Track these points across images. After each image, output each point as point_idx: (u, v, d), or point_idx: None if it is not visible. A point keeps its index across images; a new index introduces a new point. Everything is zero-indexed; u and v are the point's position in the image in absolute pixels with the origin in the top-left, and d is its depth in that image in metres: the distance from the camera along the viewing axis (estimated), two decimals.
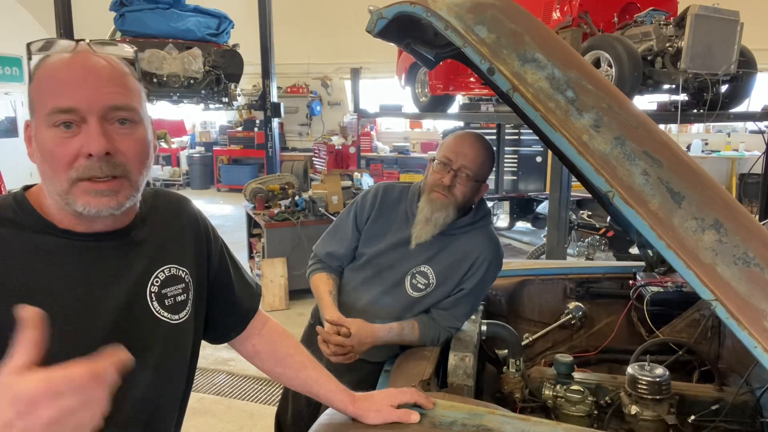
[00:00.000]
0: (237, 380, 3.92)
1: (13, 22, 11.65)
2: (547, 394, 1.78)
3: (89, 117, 0.88)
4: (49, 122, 0.88)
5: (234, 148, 13.09)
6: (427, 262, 1.83)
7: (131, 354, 0.92)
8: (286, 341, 1.32)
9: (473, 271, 1.81)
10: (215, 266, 1.19)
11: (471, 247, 1.82)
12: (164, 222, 1.09)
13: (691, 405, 1.67)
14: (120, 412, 0.95)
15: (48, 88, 0.89)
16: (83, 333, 0.91)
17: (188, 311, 1.08)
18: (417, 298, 1.84)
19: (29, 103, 0.92)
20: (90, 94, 0.88)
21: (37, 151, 0.91)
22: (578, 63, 1.27)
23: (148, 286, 1.02)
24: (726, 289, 1.06)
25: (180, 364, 1.09)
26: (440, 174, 1.75)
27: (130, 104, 0.93)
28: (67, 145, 0.88)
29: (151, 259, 1.03)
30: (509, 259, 2.28)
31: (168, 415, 1.09)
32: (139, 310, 1.00)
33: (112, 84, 0.91)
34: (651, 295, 2.05)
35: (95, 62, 0.91)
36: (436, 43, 1.71)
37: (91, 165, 0.88)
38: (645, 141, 1.17)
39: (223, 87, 7.30)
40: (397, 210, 1.89)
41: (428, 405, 1.28)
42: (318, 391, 1.28)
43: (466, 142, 1.77)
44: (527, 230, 7.67)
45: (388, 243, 1.87)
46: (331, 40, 11.75)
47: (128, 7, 6.80)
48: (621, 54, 3.56)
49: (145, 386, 1.00)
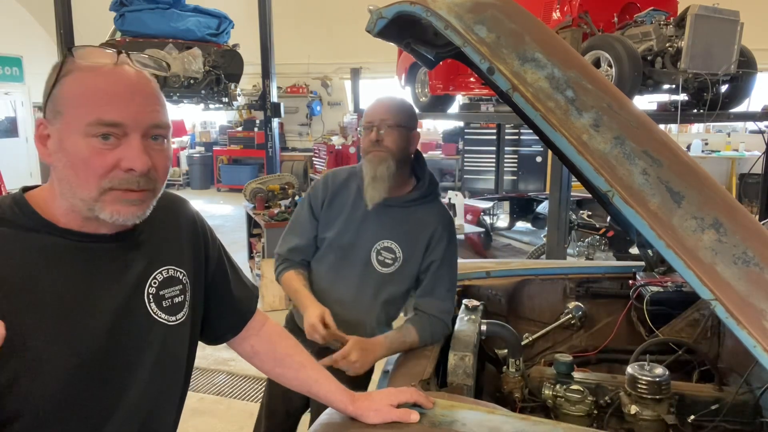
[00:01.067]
0: (237, 380, 3.92)
1: (13, 22, 11.65)
2: (546, 393, 1.78)
3: (132, 133, 0.90)
4: (87, 132, 0.88)
5: (234, 148, 13.09)
6: (390, 237, 1.87)
7: (128, 354, 0.96)
8: (285, 341, 1.32)
9: (435, 241, 1.88)
10: (213, 267, 1.20)
11: (428, 219, 1.90)
12: (162, 223, 1.09)
13: (690, 405, 1.67)
14: (116, 412, 0.97)
15: (89, 98, 0.89)
16: (80, 332, 0.92)
17: (185, 312, 1.09)
18: (387, 274, 1.88)
19: (53, 104, 0.91)
20: (137, 111, 0.90)
21: (61, 156, 0.91)
22: (578, 63, 1.28)
23: (146, 287, 1.02)
24: (725, 289, 1.06)
25: (177, 365, 1.10)
26: (368, 136, 1.85)
27: (167, 123, 0.96)
28: (105, 156, 0.89)
29: (149, 261, 1.03)
30: (509, 258, 2.28)
31: (165, 415, 1.09)
32: (136, 312, 1.00)
33: (154, 102, 0.94)
34: (651, 294, 2.05)
35: (138, 78, 0.93)
36: (436, 43, 1.71)
37: (130, 179, 0.91)
38: (645, 141, 1.17)
39: (223, 87, 7.30)
40: (348, 189, 1.94)
41: (428, 404, 1.28)
42: (317, 391, 1.28)
43: (379, 102, 1.90)
44: (527, 230, 7.66)
45: (346, 221, 1.90)
46: (331, 40, 11.75)
47: (128, 7, 6.80)
48: (621, 54, 3.56)
49: (142, 386, 1.00)
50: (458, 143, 11.17)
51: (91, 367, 0.93)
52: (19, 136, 11.83)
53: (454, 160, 11.31)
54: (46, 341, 0.88)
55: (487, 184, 10.20)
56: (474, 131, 10.59)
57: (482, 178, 10.49)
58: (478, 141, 10.45)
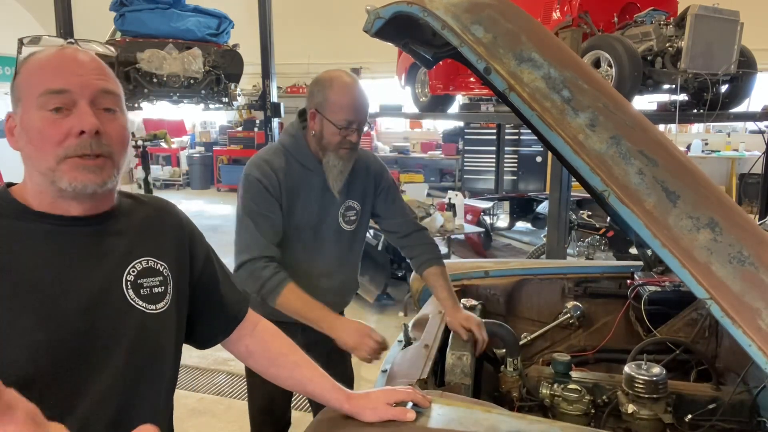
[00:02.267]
0: (237, 380, 3.92)
1: (13, 23, 11.64)
2: (544, 393, 1.78)
3: (80, 100, 0.95)
4: (39, 104, 0.94)
5: (234, 148, 13.09)
6: (348, 197, 1.97)
7: (102, 337, 0.98)
8: (279, 341, 1.32)
9: (378, 174, 2.04)
10: (199, 268, 1.20)
11: (363, 161, 2.00)
12: (145, 219, 1.12)
13: (688, 404, 1.68)
14: (89, 393, 0.97)
15: (39, 75, 0.96)
16: (55, 312, 0.94)
17: (167, 303, 1.10)
18: (353, 230, 2.01)
19: (14, 94, 0.98)
20: (81, 79, 0.96)
21: (22, 135, 0.97)
22: (574, 63, 1.28)
23: (123, 274, 1.04)
24: (721, 288, 1.07)
25: (157, 355, 1.09)
26: (344, 135, 1.80)
27: (116, 91, 1.01)
28: (58, 125, 0.94)
29: (128, 250, 1.06)
30: (509, 258, 2.29)
31: (145, 404, 1.07)
32: (113, 296, 1.02)
33: (100, 73, 0.99)
34: (649, 294, 2.06)
35: (84, 55, 0.99)
36: (434, 43, 1.71)
37: (82, 143, 0.95)
38: (641, 140, 1.18)
39: (223, 87, 7.30)
40: (295, 172, 1.88)
41: (425, 404, 1.28)
42: (313, 390, 1.28)
43: (358, 97, 1.81)
44: (527, 230, 7.67)
45: (306, 201, 1.89)
46: (331, 40, 11.75)
47: (128, 7, 6.81)
48: (621, 54, 3.57)
49: (117, 371, 1.00)
50: (458, 143, 11.18)
51: (63, 345, 0.94)
52: None
53: (454, 160, 11.32)
54: (15, 314, 0.91)
55: (487, 184, 10.21)
56: (474, 131, 10.61)
57: (482, 178, 10.50)
58: (478, 141, 10.46)
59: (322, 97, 1.80)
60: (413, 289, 2.53)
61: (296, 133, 1.92)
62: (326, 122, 1.80)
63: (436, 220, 5.06)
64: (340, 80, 1.80)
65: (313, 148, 1.89)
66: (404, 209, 2.13)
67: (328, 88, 1.79)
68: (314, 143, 1.87)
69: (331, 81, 1.80)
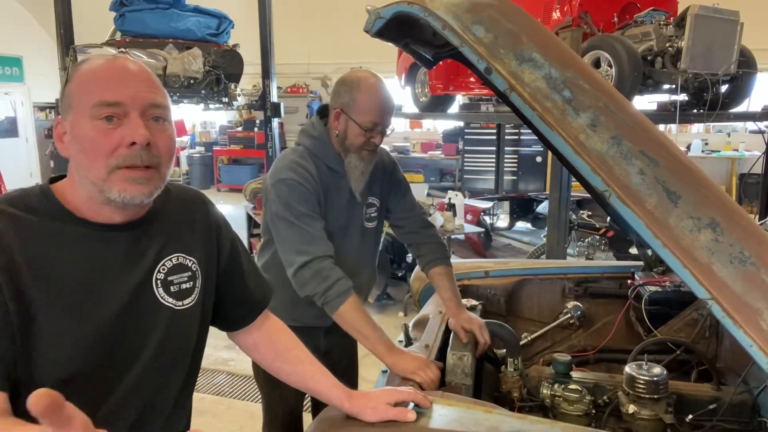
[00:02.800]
0: (237, 380, 3.92)
1: (13, 22, 11.66)
2: (545, 393, 1.78)
3: (132, 111, 0.98)
4: (92, 114, 0.96)
5: (234, 148, 13.10)
6: (369, 194, 1.98)
7: (134, 335, 1.03)
8: (285, 336, 1.35)
9: (391, 169, 2.05)
10: (225, 258, 1.24)
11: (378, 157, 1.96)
12: (176, 214, 1.15)
13: (688, 404, 1.67)
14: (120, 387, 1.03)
15: (92, 85, 0.98)
16: (92, 315, 0.99)
17: (194, 298, 1.14)
18: (375, 226, 2.03)
19: (65, 101, 1.00)
20: (133, 92, 0.98)
21: (73, 143, 0.99)
22: (575, 63, 1.28)
23: (154, 273, 1.08)
24: (722, 288, 1.06)
25: (182, 347, 1.14)
26: (369, 136, 1.80)
27: (165, 104, 1.04)
28: (109, 135, 0.97)
29: (160, 249, 1.10)
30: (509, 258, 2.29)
31: (168, 395, 1.13)
32: (145, 296, 1.06)
33: (150, 84, 1.02)
34: (649, 294, 2.05)
35: (135, 66, 1.02)
36: (435, 43, 1.71)
37: (133, 153, 0.97)
38: (641, 140, 1.18)
39: (223, 87, 7.31)
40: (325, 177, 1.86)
41: (426, 404, 1.28)
42: (314, 387, 1.29)
43: (386, 99, 1.80)
44: (527, 230, 7.67)
45: (335, 206, 1.90)
46: (331, 40, 11.75)
47: (128, 7, 6.81)
48: (621, 54, 3.57)
49: (146, 365, 1.06)
50: (458, 143, 11.18)
51: (98, 345, 0.99)
52: (19, 136, 11.83)
53: (454, 160, 11.32)
54: (58, 318, 0.96)
55: (487, 184, 10.21)
56: (474, 131, 10.61)
57: (482, 178, 10.51)
58: (478, 141, 10.46)
59: (350, 97, 1.78)
60: (413, 289, 2.53)
61: (319, 135, 1.88)
62: (351, 123, 1.79)
63: (436, 220, 5.06)
64: (368, 81, 1.79)
65: (336, 148, 1.87)
66: (414, 205, 2.13)
67: (356, 88, 1.77)
68: (337, 143, 1.86)
69: (359, 81, 1.78)
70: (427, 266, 2.02)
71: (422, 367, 1.58)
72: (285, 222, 1.77)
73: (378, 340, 1.66)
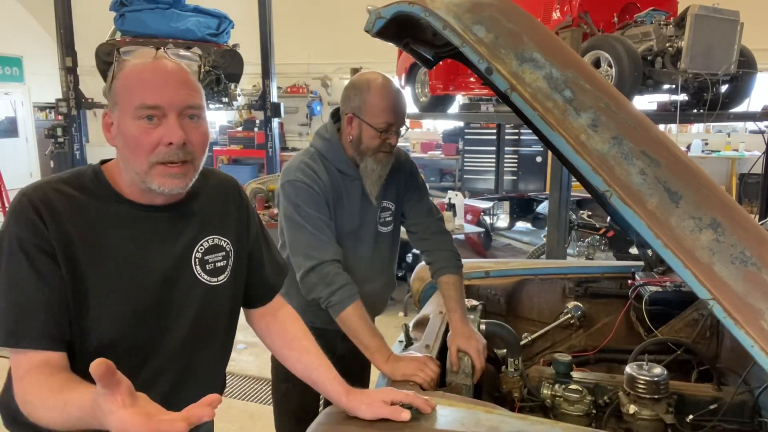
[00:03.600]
0: (237, 380, 3.92)
1: (13, 22, 11.65)
2: (545, 393, 1.78)
3: (170, 113, 1.09)
4: (135, 115, 1.08)
5: (234, 148, 13.07)
6: (384, 198, 1.97)
7: (174, 306, 1.19)
8: (297, 325, 1.43)
9: (408, 172, 2.02)
10: (253, 239, 1.37)
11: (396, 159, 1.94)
12: (212, 197, 1.28)
13: (689, 404, 1.67)
14: (161, 350, 1.17)
15: (135, 87, 1.09)
16: (136, 285, 1.12)
17: (227, 275, 1.28)
18: (390, 231, 2.01)
19: (111, 97, 1.12)
20: (171, 95, 1.09)
21: (119, 137, 1.11)
22: (576, 63, 1.28)
23: (193, 252, 1.22)
24: (723, 289, 1.06)
25: (215, 318, 1.27)
26: (382, 137, 1.78)
27: (200, 104, 1.14)
28: (150, 134, 1.08)
29: (198, 230, 1.23)
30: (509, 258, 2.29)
31: (205, 358, 1.27)
32: (183, 272, 1.20)
33: (187, 87, 1.12)
34: (650, 294, 2.05)
35: (173, 68, 1.12)
36: (435, 43, 1.71)
37: (170, 152, 1.09)
38: (643, 140, 1.18)
39: (223, 87, 7.30)
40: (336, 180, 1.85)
41: (426, 410, 1.26)
42: (317, 378, 1.34)
43: (397, 98, 1.79)
44: (527, 230, 7.67)
45: (348, 208, 1.88)
46: (331, 40, 11.74)
47: (128, 7, 6.80)
48: (621, 54, 3.56)
49: (184, 332, 1.20)
50: (458, 143, 11.18)
51: (143, 314, 1.13)
52: (19, 136, 11.84)
53: (454, 160, 11.32)
54: (108, 290, 1.09)
55: (487, 184, 10.21)
56: (474, 131, 10.60)
57: (482, 178, 10.50)
58: (478, 141, 10.46)
59: (360, 100, 1.77)
60: (413, 289, 2.53)
61: (331, 138, 1.87)
62: (365, 126, 1.77)
63: None
64: (377, 82, 1.77)
65: (350, 153, 1.85)
66: (431, 211, 2.05)
67: (366, 91, 1.76)
68: (351, 148, 1.84)
69: (368, 83, 1.77)
70: (436, 273, 1.94)
71: (421, 368, 1.57)
72: (293, 224, 1.77)
73: (376, 348, 1.65)
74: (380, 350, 1.64)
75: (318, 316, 1.81)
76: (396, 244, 2.08)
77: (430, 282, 2.35)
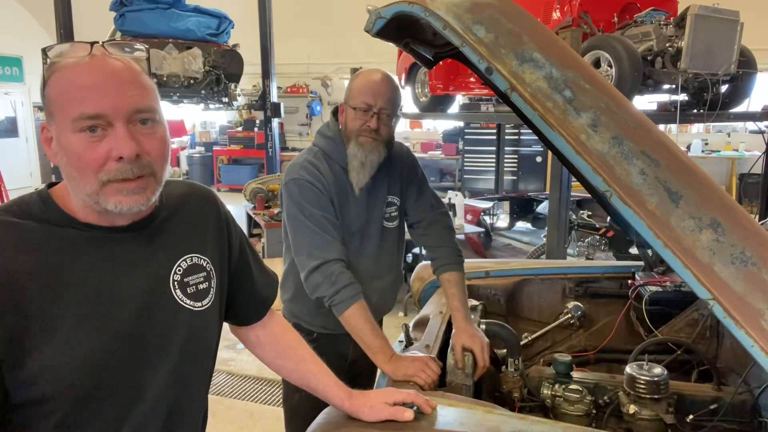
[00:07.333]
0: (237, 380, 3.92)
1: (13, 22, 11.65)
2: (545, 393, 1.78)
3: (116, 122, 0.91)
4: (75, 127, 0.90)
5: (234, 148, 13.09)
6: (389, 192, 1.96)
7: (156, 339, 0.99)
8: (288, 334, 1.34)
9: (409, 165, 2.03)
10: (236, 255, 1.22)
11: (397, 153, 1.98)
12: (189, 213, 1.12)
13: (689, 404, 1.67)
14: (145, 396, 0.99)
15: (70, 94, 0.90)
16: (108, 321, 0.94)
17: (211, 298, 1.11)
18: (396, 226, 1.99)
19: (46, 106, 0.93)
20: (114, 100, 0.90)
21: (62, 155, 0.93)
22: (576, 63, 1.28)
23: (171, 274, 1.04)
24: (723, 289, 1.06)
25: (204, 350, 1.12)
26: (363, 119, 1.77)
27: (152, 105, 0.95)
28: (95, 148, 0.90)
29: (174, 249, 1.06)
30: (509, 258, 2.29)
31: (193, 400, 1.11)
32: (162, 297, 1.03)
33: (133, 87, 0.93)
34: (650, 294, 2.05)
35: (113, 65, 0.93)
36: (435, 43, 1.71)
37: (122, 168, 0.92)
38: (643, 140, 1.18)
39: (223, 87, 7.31)
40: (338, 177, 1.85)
41: (427, 410, 1.27)
42: (316, 386, 1.29)
43: (379, 83, 1.78)
44: (527, 230, 7.67)
45: (359, 207, 1.88)
46: (331, 40, 11.75)
47: (128, 7, 6.81)
48: (621, 54, 3.56)
49: (170, 371, 1.02)
50: (458, 143, 11.18)
51: (119, 352, 0.95)
52: (19, 136, 11.84)
53: (454, 160, 11.32)
54: (73, 327, 0.91)
55: (487, 184, 10.21)
56: (474, 131, 10.61)
57: (482, 178, 10.51)
58: (478, 141, 10.46)
59: (348, 88, 1.83)
60: (413, 289, 2.53)
61: (333, 135, 1.88)
62: (348, 109, 1.80)
63: None
64: (365, 71, 1.84)
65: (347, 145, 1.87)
66: (431, 203, 2.04)
67: (353, 79, 1.83)
68: (345, 138, 1.85)
69: (358, 74, 1.84)
70: (438, 270, 1.94)
71: (422, 368, 1.57)
72: (297, 223, 1.77)
73: (379, 348, 1.64)
74: (383, 350, 1.64)
75: (329, 319, 1.79)
76: (402, 239, 2.07)
77: (430, 282, 2.35)
